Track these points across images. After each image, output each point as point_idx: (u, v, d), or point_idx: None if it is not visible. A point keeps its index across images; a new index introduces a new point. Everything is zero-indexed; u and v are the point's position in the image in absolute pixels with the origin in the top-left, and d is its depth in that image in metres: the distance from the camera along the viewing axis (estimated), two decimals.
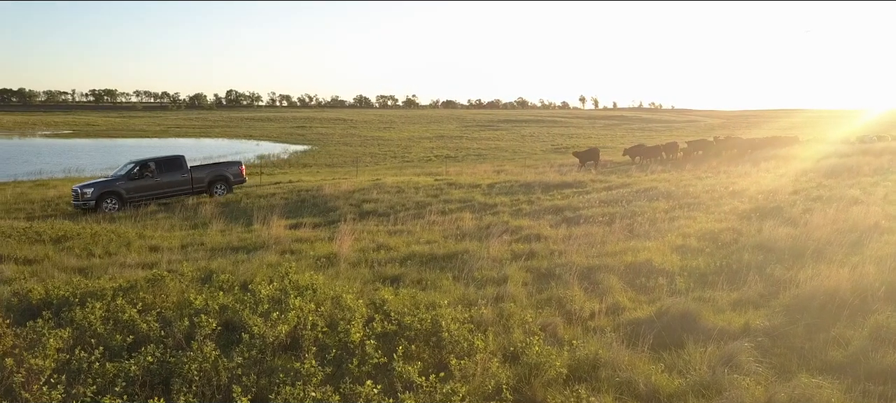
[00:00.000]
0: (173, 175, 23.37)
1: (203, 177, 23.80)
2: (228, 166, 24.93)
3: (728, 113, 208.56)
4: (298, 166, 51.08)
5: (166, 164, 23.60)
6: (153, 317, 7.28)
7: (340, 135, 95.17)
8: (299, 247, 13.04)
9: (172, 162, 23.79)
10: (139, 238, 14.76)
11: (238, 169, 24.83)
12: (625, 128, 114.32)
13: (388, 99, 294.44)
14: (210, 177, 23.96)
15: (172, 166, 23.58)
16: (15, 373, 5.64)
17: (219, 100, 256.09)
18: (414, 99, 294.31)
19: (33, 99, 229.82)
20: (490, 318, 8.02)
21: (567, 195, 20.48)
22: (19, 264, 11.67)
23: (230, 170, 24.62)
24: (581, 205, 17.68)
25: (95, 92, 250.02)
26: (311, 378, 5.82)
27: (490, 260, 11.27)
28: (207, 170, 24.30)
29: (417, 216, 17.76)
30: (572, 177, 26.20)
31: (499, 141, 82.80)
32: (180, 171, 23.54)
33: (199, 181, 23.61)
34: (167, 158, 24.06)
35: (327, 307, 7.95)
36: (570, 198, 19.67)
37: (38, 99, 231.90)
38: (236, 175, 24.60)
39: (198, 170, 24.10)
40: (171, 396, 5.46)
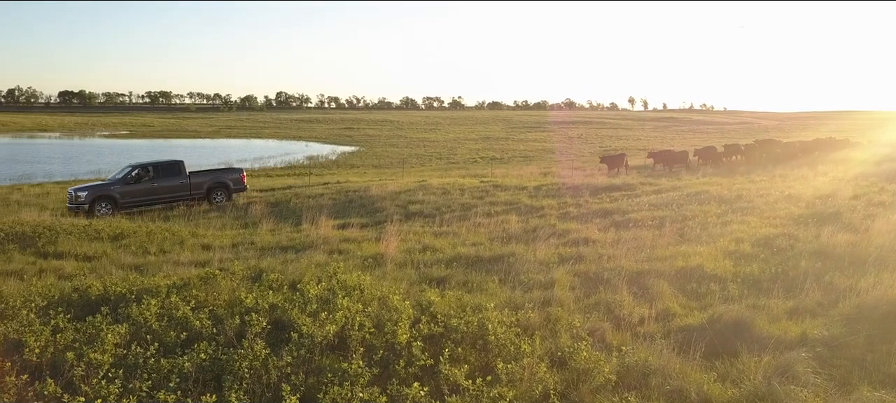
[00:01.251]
0: (171, 180, 23.01)
1: (202, 184, 23.45)
2: (229, 173, 24.65)
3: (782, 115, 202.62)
4: (346, 167, 51.70)
5: (164, 169, 23.28)
6: (206, 315, 7.44)
7: (387, 136, 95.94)
8: (347, 247, 13.17)
9: (170, 167, 23.49)
10: (192, 236, 15.14)
11: (239, 176, 24.46)
12: (675, 130, 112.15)
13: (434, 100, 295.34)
14: (209, 184, 23.59)
15: (170, 171, 23.26)
16: (75, 367, 5.83)
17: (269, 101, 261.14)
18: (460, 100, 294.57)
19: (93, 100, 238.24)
20: (537, 322, 7.95)
21: (615, 198, 20.18)
22: (79, 260, 12.11)
23: (230, 177, 24.30)
24: (630, 209, 17.40)
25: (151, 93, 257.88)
26: (358, 378, 5.86)
27: (537, 264, 11.18)
28: (207, 177, 23.99)
29: (463, 218, 17.76)
30: (621, 180, 25.81)
31: (545, 142, 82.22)
32: (178, 177, 23.19)
33: (198, 187, 23.25)
34: (165, 163, 23.77)
35: (374, 307, 8.00)
36: (619, 201, 19.38)
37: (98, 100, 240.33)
38: (237, 182, 24.20)
39: (197, 175, 23.78)
40: (223, 393, 5.57)
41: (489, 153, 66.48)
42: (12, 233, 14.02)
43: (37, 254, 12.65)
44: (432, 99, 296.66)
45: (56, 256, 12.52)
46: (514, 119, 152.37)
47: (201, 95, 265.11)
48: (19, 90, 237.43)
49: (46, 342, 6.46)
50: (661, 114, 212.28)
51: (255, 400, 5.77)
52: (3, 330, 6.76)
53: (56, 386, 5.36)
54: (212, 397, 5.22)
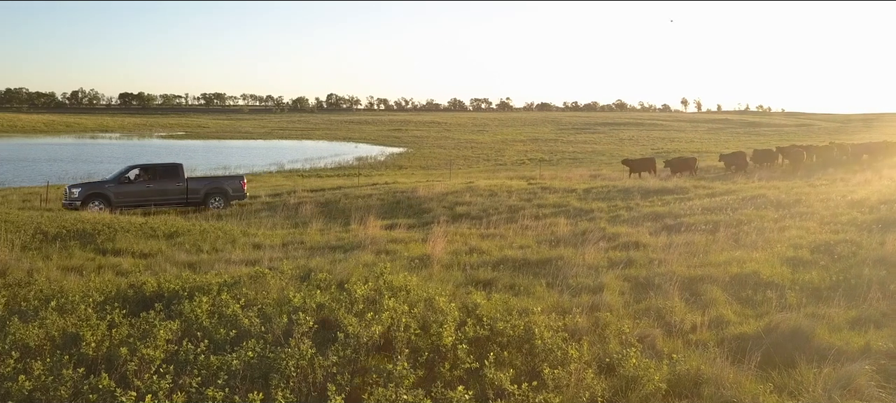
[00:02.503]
0: (167, 183, 22.82)
1: (199, 189, 23.21)
2: (228, 180, 24.43)
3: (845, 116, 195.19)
4: (394, 168, 52.07)
5: (162, 172, 23.17)
6: (255, 313, 7.54)
7: (435, 137, 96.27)
8: (394, 248, 13.22)
9: (168, 170, 23.34)
10: (244, 235, 15.42)
11: (239, 184, 24.13)
12: (729, 133, 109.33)
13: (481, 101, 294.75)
14: (206, 190, 23.30)
15: (168, 174, 23.10)
16: (128, 362, 5.98)
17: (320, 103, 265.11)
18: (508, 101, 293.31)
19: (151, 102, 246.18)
20: (585, 327, 7.81)
21: (667, 201, 19.74)
22: (136, 258, 12.46)
23: (230, 184, 24.03)
24: (682, 212, 16.99)
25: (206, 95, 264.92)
26: (403, 379, 5.85)
27: (585, 268, 11.00)
28: (205, 183, 23.84)
29: (510, 220, 17.63)
30: (673, 183, 25.27)
31: (595, 144, 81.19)
32: (175, 180, 22.96)
33: (195, 192, 23.01)
34: (163, 166, 23.66)
35: (420, 309, 7.99)
36: (671, 204, 18.95)
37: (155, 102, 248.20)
38: (236, 190, 23.84)
39: (195, 181, 23.67)
40: (270, 391, 5.62)
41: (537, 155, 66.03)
42: (74, 230, 14.53)
43: (96, 251, 13.07)
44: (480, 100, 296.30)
45: (114, 253, 12.92)
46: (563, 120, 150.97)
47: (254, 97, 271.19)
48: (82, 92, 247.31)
49: (102, 336, 6.65)
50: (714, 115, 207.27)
51: (301, 399, 5.82)
52: (62, 324, 6.99)
53: (110, 380, 5.50)
54: (259, 395, 5.28)
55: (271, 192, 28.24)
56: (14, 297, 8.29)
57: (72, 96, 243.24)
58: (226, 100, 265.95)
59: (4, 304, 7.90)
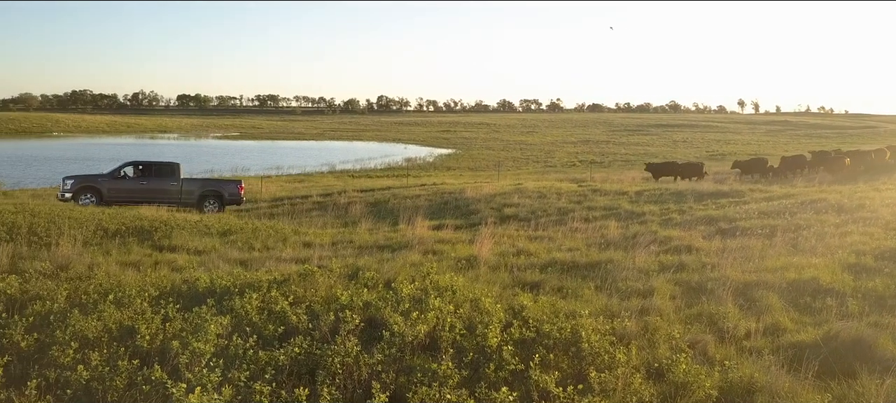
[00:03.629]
0: (161, 182, 22.58)
1: (193, 190, 22.84)
2: (225, 184, 24.14)
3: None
4: (442, 169, 52.21)
5: (157, 170, 23.03)
6: (303, 310, 7.65)
7: (483, 139, 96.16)
8: (441, 248, 13.23)
9: (164, 168, 23.17)
10: (294, 234, 15.68)
11: (236, 188, 23.57)
12: (789, 135, 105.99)
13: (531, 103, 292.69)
14: (201, 192, 22.92)
15: (163, 173, 22.93)
16: (180, 355, 6.14)
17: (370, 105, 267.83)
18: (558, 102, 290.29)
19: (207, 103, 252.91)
20: (634, 331, 7.66)
21: (722, 205, 19.24)
22: (190, 254, 12.79)
23: (226, 188, 23.61)
24: (737, 216, 16.52)
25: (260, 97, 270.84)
26: (447, 379, 5.84)
27: (635, 271, 10.80)
28: (200, 184, 23.59)
29: (559, 222, 17.45)
30: (728, 186, 24.62)
31: (648, 146, 79.77)
32: (170, 180, 22.70)
33: (189, 193, 22.65)
34: (159, 163, 23.54)
35: (466, 309, 7.97)
36: (726, 208, 18.46)
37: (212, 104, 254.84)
38: (232, 194, 23.25)
39: (190, 182, 23.34)
40: (316, 387, 5.69)
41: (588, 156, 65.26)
42: (132, 227, 15.01)
43: (153, 247, 13.47)
44: (530, 101, 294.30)
45: (170, 249, 13.29)
46: (615, 122, 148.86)
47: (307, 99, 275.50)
48: (143, 94, 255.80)
49: (156, 330, 6.84)
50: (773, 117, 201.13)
51: (347, 396, 5.86)
52: (119, 317, 7.22)
53: (162, 372, 5.65)
54: (305, 390, 5.35)
55: (322, 192, 28.66)
56: (75, 290, 8.59)
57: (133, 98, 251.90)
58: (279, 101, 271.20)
59: (66, 297, 8.21)
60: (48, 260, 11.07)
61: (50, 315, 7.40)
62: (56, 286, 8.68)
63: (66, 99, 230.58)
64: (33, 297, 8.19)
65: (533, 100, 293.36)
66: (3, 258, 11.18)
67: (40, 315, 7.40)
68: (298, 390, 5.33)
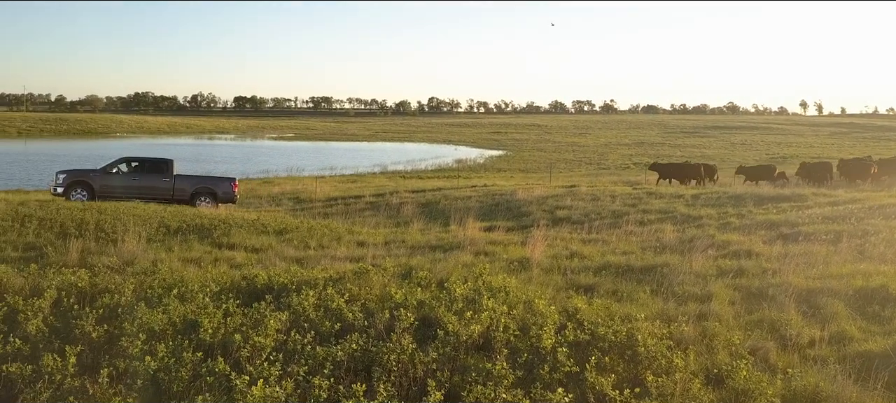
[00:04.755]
0: (154, 178, 22.25)
1: (185, 188, 22.32)
2: (218, 182, 23.57)
3: None
4: (493, 170, 52.12)
5: (150, 166, 22.84)
6: (358, 308, 7.77)
7: (535, 140, 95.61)
8: (493, 249, 13.23)
9: (157, 165, 22.93)
10: (348, 233, 15.91)
11: (229, 186, 23.05)
12: (855, 137, 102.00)
13: (584, 104, 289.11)
14: (194, 189, 22.42)
15: (156, 169, 22.64)
16: (241, 348, 6.32)
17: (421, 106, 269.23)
18: (612, 104, 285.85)
19: (263, 105, 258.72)
20: (691, 336, 7.52)
21: (783, 209, 18.66)
22: (248, 252, 13.12)
23: (219, 185, 23.07)
24: (800, 221, 16.00)
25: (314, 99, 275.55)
26: (502, 379, 5.85)
27: (692, 276, 10.58)
28: (193, 182, 22.96)
29: (613, 225, 17.23)
30: (790, 190, 23.85)
31: (705, 149, 77.94)
32: (162, 176, 22.33)
33: (181, 190, 22.21)
34: (152, 160, 23.37)
35: (519, 310, 7.96)
36: (787, 212, 17.90)
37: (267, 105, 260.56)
38: (225, 192, 22.72)
39: (182, 179, 22.73)
40: (372, 383, 5.78)
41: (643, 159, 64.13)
42: (193, 225, 15.49)
43: (213, 245, 13.87)
44: (582, 102, 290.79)
45: (229, 247, 13.66)
46: (671, 123, 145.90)
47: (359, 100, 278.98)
48: (201, 96, 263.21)
49: (218, 324, 7.05)
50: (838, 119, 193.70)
51: (402, 393, 5.94)
52: (183, 311, 7.47)
53: (225, 364, 5.82)
54: (362, 386, 5.43)
55: (374, 192, 28.98)
56: (141, 285, 8.93)
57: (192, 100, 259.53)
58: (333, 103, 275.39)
59: (133, 291, 8.54)
60: (115, 255, 11.53)
61: (118, 307, 7.73)
62: (123, 280, 9.05)
63: (130, 100, 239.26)
64: (102, 290, 8.56)
65: (586, 101, 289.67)
66: (73, 253, 11.70)
67: (109, 307, 7.73)
68: (355, 386, 5.42)
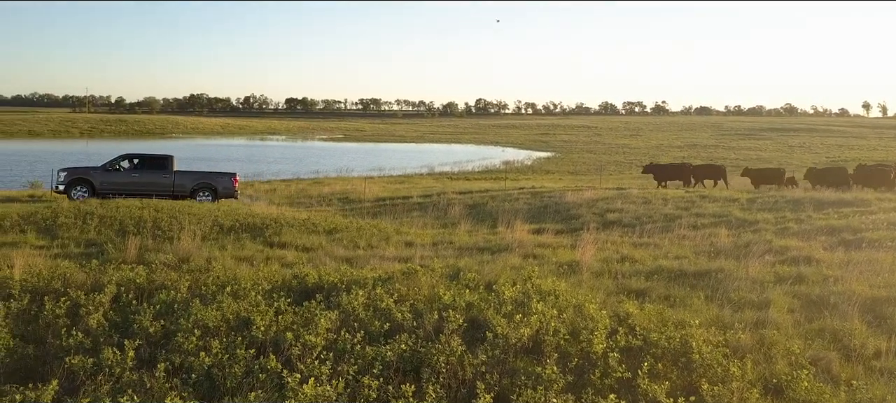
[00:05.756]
0: (154, 175, 22.30)
1: (185, 183, 22.39)
2: (219, 177, 23.53)
3: None
4: (541, 172, 51.70)
5: (150, 163, 22.89)
6: (407, 308, 7.79)
7: (584, 142, 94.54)
8: (541, 252, 13.11)
9: (157, 161, 22.98)
10: (396, 233, 16.00)
11: (229, 181, 23.05)
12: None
13: (635, 105, 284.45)
14: (194, 184, 22.46)
15: (156, 165, 22.72)
16: (293, 346, 6.40)
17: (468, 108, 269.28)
18: (663, 105, 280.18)
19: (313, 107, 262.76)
20: (748, 344, 7.29)
21: (845, 214, 17.97)
22: (299, 251, 13.32)
23: (220, 181, 23.04)
24: (863, 227, 15.38)
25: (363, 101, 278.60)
26: (552, 384, 5.77)
27: (749, 282, 10.28)
28: (193, 178, 22.99)
29: (665, 229, 16.88)
30: (852, 195, 22.96)
31: (761, 151, 75.74)
32: (163, 172, 22.41)
33: (181, 186, 22.30)
34: (152, 156, 23.37)
35: (569, 314, 7.86)
36: (849, 217, 17.23)
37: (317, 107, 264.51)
38: (226, 187, 22.81)
39: (182, 175, 22.83)
40: (421, 384, 5.77)
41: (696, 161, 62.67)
42: (246, 224, 15.82)
43: (264, 243, 14.14)
44: (633, 103, 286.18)
45: (280, 246, 13.90)
46: (725, 125, 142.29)
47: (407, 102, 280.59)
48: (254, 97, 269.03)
49: (270, 322, 7.16)
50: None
51: (451, 395, 5.91)
52: (236, 308, 7.62)
53: (277, 362, 5.90)
54: (411, 387, 5.43)
55: (422, 193, 29.08)
56: (196, 282, 9.14)
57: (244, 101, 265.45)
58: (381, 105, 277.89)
59: (188, 287, 8.75)
60: (171, 252, 11.86)
61: (174, 303, 7.92)
62: (179, 277, 9.28)
63: (185, 102, 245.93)
64: (159, 287, 8.80)
65: (636, 102, 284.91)
66: (131, 250, 12.07)
67: (165, 303, 7.93)
68: (405, 386, 5.42)
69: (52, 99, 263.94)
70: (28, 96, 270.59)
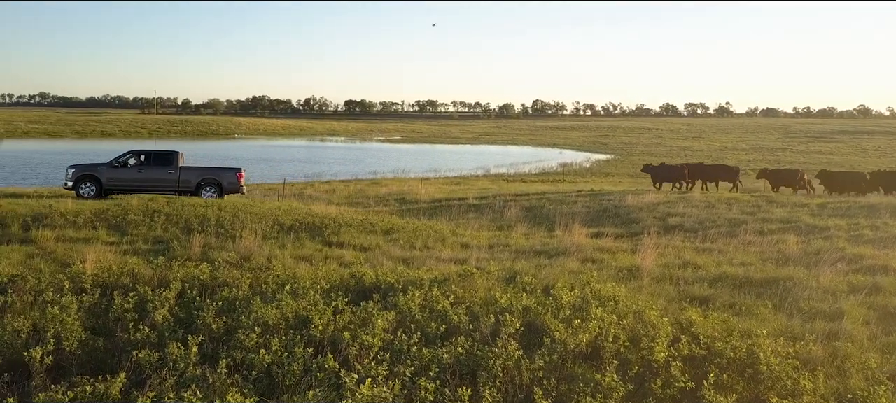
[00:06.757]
0: (160, 171, 22.41)
1: (190, 179, 22.41)
2: (224, 172, 23.43)
3: None
4: (600, 175, 50.92)
5: (155, 159, 22.97)
6: (463, 310, 7.75)
7: (644, 144, 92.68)
8: (600, 257, 12.88)
9: (162, 157, 23.04)
10: (452, 235, 15.99)
11: (234, 176, 23.02)
12: None
13: (697, 107, 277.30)
14: (199, 180, 22.48)
15: (161, 161, 22.79)
16: (350, 346, 6.44)
17: (525, 109, 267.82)
18: (727, 106, 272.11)
19: (371, 109, 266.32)
20: (820, 357, 6.96)
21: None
22: (356, 251, 13.45)
23: (225, 176, 22.99)
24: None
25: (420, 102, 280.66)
26: (612, 391, 5.64)
27: (820, 291, 9.83)
28: (198, 173, 22.94)
29: (730, 234, 16.35)
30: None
31: (832, 155, 72.71)
32: (168, 168, 22.50)
33: (186, 182, 22.33)
34: (158, 152, 23.46)
35: (629, 321, 7.67)
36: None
37: (375, 109, 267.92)
38: (231, 182, 22.76)
39: (187, 170, 22.83)
40: (478, 388, 5.72)
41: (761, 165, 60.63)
42: (305, 224, 16.08)
43: (323, 243, 14.34)
44: (695, 105, 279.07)
45: (338, 245, 14.07)
46: (793, 128, 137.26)
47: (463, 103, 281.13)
48: (314, 99, 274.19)
49: (328, 321, 7.23)
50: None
51: (507, 399, 5.84)
52: (295, 307, 7.72)
53: (334, 361, 5.94)
54: (467, 390, 5.38)
55: (478, 195, 29.03)
56: (256, 280, 9.33)
57: (305, 103, 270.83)
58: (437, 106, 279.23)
59: (249, 285, 8.93)
60: (233, 250, 12.14)
61: (235, 301, 8.09)
62: (240, 275, 9.49)
63: (247, 103, 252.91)
64: (221, 284, 9.01)
65: (699, 103, 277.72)
66: (196, 247, 12.42)
67: (227, 300, 8.11)
68: (461, 390, 5.38)
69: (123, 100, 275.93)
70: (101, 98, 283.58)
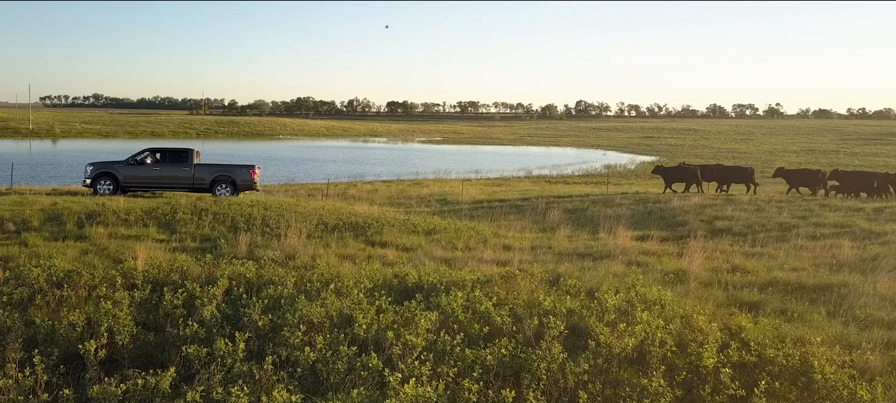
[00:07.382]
0: (175, 168, 22.60)
1: (205, 176, 22.57)
2: (237, 169, 23.42)
3: None
4: (645, 177, 50.11)
5: (171, 156, 23.15)
6: (506, 312, 7.70)
7: (690, 146, 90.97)
8: (645, 260, 12.67)
9: (177, 154, 23.22)
10: (494, 236, 15.93)
11: (248, 174, 23.00)
12: None
13: (746, 108, 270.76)
14: (213, 177, 22.60)
15: (176, 159, 22.96)
16: (393, 346, 6.46)
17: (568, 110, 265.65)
18: (777, 107, 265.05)
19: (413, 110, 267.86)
20: (878, 367, 6.71)
21: None
22: (399, 250, 13.51)
23: (238, 173, 23.01)
24: None
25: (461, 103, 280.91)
26: (659, 397, 5.53)
27: (877, 298, 9.48)
28: (212, 170, 23.02)
29: (780, 239, 15.91)
30: None
31: (889, 158, 70.15)
32: (183, 166, 22.67)
33: (201, 179, 22.50)
34: (173, 150, 23.64)
35: (676, 325, 7.52)
36: None
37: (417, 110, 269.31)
38: (245, 179, 22.80)
39: (201, 168, 22.96)
40: (521, 390, 5.67)
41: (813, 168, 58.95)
42: (349, 223, 16.23)
43: (366, 242, 14.44)
44: (744, 106, 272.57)
45: (381, 245, 14.16)
46: (847, 129, 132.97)
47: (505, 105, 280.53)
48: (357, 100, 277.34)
49: (372, 320, 7.27)
50: None
51: (552, 402, 5.77)
52: (339, 306, 7.79)
53: (378, 360, 5.97)
54: (511, 392, 5.34)
55: (520, 196, 28.89)
56: (301, 278, 9.44)
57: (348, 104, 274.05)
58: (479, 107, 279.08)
59: (294, 283, 9.05)
60: (278, 249, 12.31)
61: (281, 299, 8.20)
62: (285, 273, 9.62)
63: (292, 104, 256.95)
64: (267, 282, 9.15)
65: (748, 104, 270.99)
66: (242, 245, 12.64)
67: (273, 298, 8.23)
68: (505, 391, 5.34)
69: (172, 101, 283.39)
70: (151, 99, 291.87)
